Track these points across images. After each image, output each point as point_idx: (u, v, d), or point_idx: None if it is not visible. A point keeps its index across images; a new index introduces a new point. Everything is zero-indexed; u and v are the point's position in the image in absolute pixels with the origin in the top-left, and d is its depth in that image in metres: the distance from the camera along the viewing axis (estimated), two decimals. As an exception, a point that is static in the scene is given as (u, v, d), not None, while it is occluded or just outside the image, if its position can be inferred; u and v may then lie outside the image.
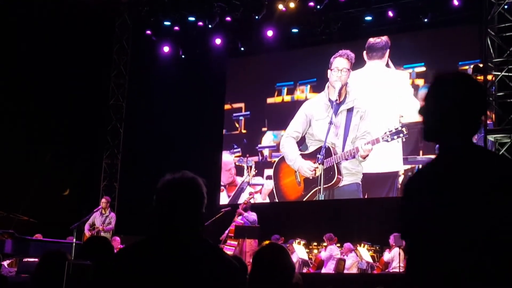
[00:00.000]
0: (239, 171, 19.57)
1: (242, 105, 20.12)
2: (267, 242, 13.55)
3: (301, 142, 18.38)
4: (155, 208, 2.94)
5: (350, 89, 17.80)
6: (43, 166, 17.28)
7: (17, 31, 17.27)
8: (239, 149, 19.71)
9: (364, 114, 17.46)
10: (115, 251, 5.20)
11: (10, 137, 17.11)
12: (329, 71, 18.06)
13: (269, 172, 19.00)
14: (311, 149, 18.04)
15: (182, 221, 2.89)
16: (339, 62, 17.94)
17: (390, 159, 16.99)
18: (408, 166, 16.96)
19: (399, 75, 17.52)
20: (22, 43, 17.33)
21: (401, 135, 16.33)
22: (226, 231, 14.76)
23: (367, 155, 17.05)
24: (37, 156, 17.41)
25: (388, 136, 16.43)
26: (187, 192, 2.96)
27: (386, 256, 15.31)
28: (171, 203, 2.92)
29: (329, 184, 17.33)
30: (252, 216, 14.89)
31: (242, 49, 19.79)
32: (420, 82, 17.27)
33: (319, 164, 17.11)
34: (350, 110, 17.63)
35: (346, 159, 17.43)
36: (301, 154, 18.25)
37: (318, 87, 18.68)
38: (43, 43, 17.65)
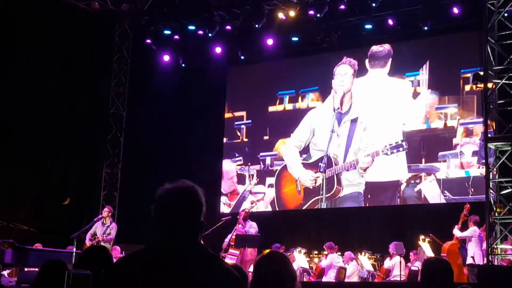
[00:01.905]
0: (241, 179, 19.54)
1: (243, 113, 20.11)
2: (267, 250, 13.49)
3: (305, 151, 18.36)
4: (154, 217, 2.92)
5: (355, 99, 17.79)
6: (44, 175, 17.28)
7: (17, 40, 17.26)
8: (241, 158, 19.69)
9: (368, 126, 17.44)
10: (115, 260, 5.17)
11: (11, 147, 17.08)
12: (332, 80, 18.07)
13: (271, 180, 18.98)
14: (314, 158, 18.02)
15: (182, 229, 2.86)
16: (341, 69, 17.98)
17: (393, 168, 16.96)
18: (410, 175, 16.95)
19: (401, 84, 17.50)
20: (22, 51, 17.32)
21: (401, 149, 16.37)
22: (227, 240, 14.68)
23: (368, 167, 17.04)
24: (38, 165, 17.40)
25: (388, 150, 16.46)
26: (186, 201, 2.93)
27: (387, 263, 15.28)
28: (170, 212, 2.90)
29: (328, 194, 17.31)
30: (252, 229, 14.78)
31: (243, 57, 19.80)
32: (421, 90, 17.26)
33: (321, 172, 17.09)
34: (354, 121, 17.62)
35: (347, 170, 17.41)
36: (303, 163, 18.23)
37: (320, 95, 18.70)
38: (43, 51, 17.65)
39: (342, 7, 17.28)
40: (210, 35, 18.84)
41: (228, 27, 18.73)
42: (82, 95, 18.71)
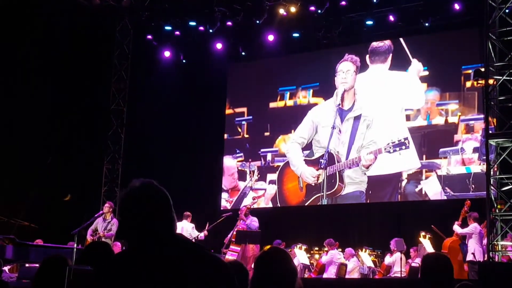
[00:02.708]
0: (242, 175, 19.54)
1: (244, 109, 20.11)
2: (268, 246, 13.49)
3: (308, 148, 18.35)
4: (128, 219, 2.93)
5: (358, 96, 17.76)
6: (44, 171, 17.25)
7: (18, 37, 17.24)
8: (242, 154, 19.69)
9: (371, 123, 17.41)
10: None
11: (11, 143, 17.08)
12: (335, 77, 18.03)
13: (271, 176, 18.97)
14: (316, 155, 18.01)
15: (159, 224, 2.88)
16: (344, 66, 17.94)
17: (394, 161, 16.93)
18: (411, 171, 16.94)
19: (403, 76, 17.46)
20: (22, 48, 17.31)
21: (404, 147, 16.33)
22: (229, 236, 14.71)
23: (370, 165, 17.02)
24: (38, 161, 17.39)
25: (390, 148, 16.43)
26: (154, 195, 2.96)
27: (387, 260, 15.28)
28: (144, 210, 2.91)
29: (330, 192, 17.28)
30: (254, 223, 14.82)
31: (243, 53, 19.79)
32: (423, 86, 17.25)
33: (322, 169, 17.07)
34: (357, 118, 17.59)
35: (349, 168, 17.39)
36: (305, 160, 18.21)
37: (321, 92, 18.68)
38: (43, 48, 17.64)
39: (343, 3, 17.29)
40: (211, 31, 18.83)
41: (229, 23, 18.72)
42: (83, 91, 18.69)
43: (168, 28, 19.66)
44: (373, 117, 17.46)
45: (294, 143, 18.66)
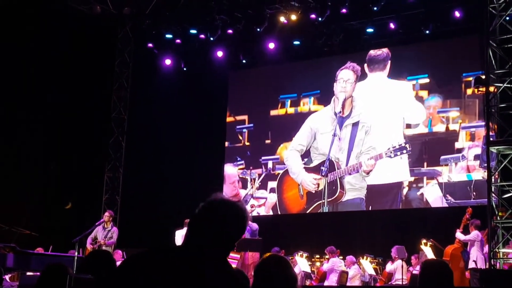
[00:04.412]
0: (244, 183, 19.52)
1: (245, 117, 20.11)
2: (268, 254, 13.45)
3: (306, 155, 18.33)
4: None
5: (356, 103, 17.76)
6: (45, 179, 17.26)
7: (19, 45, 17.26)
8: (243, 162, 19.68)
9: (370, 129, 17.42)
10: (118, 264, 5.15)
11: (12, 151, 17.09)
12: (335, 83, 18.03)
13: (272, 184, 18.95)
14: (315, 162, 17.99)
15: (200, 241, 2.86)
16: (344, 74, 17.92)
17: (395, 170, 16.94)
18: (412, 178, 16.93)
19: (402, 85, 17.50)
20: (23, 56, 17.33)
21: (405, 151, 16.31)
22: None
23: (371, 170, 17.00)
24: (39, 169, 17.41)
25: (391, 152, 16.41)
26: (215, 214, 2.95)
27: (389, 267, 15.27)
28: (196, 222, 2.90)
29: (331, 198, 17.26)
30: (255, 224, 14.80)
31: (244, 61, 19.80)
32: (424, 93, 17.27)
33: (323, 176, 17.06)
34: (355, 124, 17.59)
35: (350, 174, 17.37)
36: (305, 167, 18.19)
37: (321, 99, 18.69)
38: (43, 56, 17.66)
39: (344, 10, 17.26)
40: (211, 39, 18.86)
41: (230, 31, 18.75)
42: (84, 99, 18.71)
43: (169, 36, 19.69)
44: (371, 123, 17.48)
45: (293, 151, 18.65)
